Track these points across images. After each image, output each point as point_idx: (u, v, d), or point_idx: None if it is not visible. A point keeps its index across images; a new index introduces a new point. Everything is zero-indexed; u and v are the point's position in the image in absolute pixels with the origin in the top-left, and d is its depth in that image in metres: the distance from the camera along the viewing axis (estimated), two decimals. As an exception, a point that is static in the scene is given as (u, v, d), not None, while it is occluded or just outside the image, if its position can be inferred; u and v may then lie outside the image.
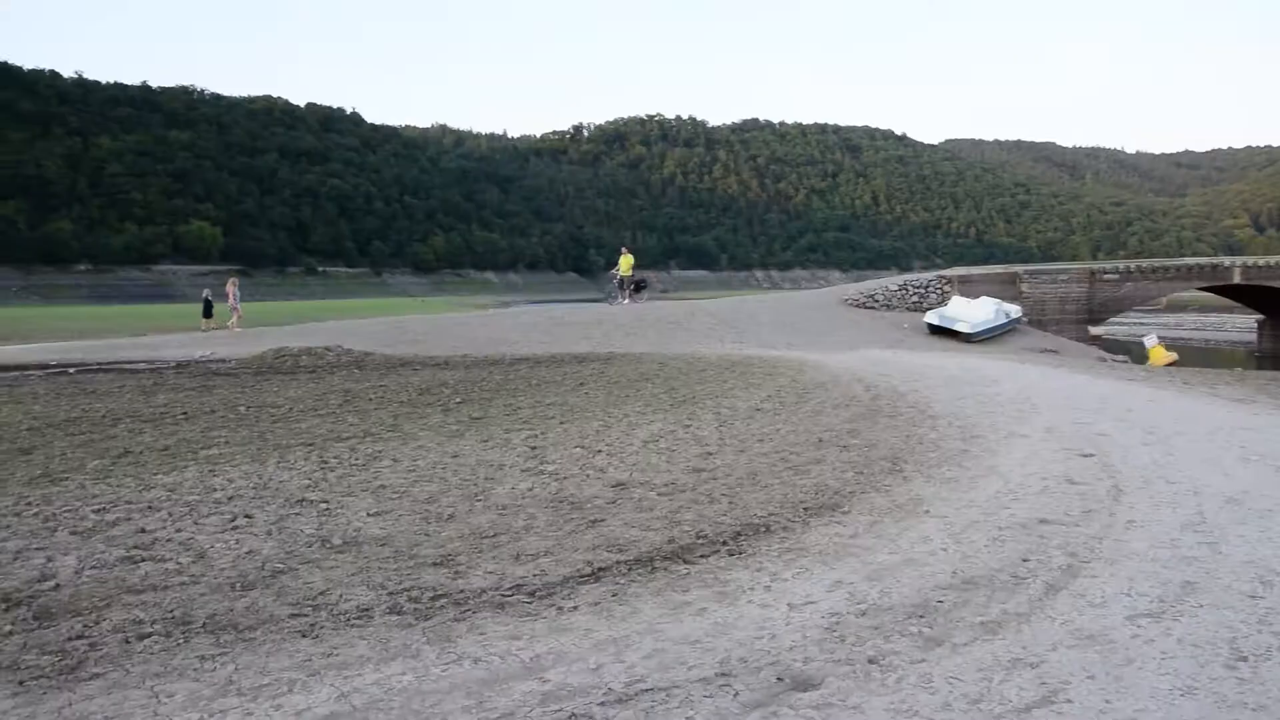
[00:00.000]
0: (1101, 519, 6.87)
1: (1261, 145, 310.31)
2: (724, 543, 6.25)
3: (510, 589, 5.33)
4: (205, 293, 33.92)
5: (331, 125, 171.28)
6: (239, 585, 5.32)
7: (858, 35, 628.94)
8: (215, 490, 7.64)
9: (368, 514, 6.96)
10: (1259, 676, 4.17)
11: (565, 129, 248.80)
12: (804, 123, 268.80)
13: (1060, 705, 3.90)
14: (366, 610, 4.97)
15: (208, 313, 31.70)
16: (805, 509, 7.15)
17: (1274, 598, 5.18)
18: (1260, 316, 44.60)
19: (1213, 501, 7.43)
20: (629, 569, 5.72)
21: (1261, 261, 39.32)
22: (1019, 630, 4.70)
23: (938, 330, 29.09)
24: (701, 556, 5.98)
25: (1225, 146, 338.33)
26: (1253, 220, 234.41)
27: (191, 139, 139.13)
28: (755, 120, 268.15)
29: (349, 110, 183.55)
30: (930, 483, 8.11)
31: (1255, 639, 4.59)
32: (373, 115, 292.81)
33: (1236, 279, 38.21)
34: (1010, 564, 5.77)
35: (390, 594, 5.23)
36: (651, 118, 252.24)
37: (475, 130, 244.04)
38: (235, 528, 6.50)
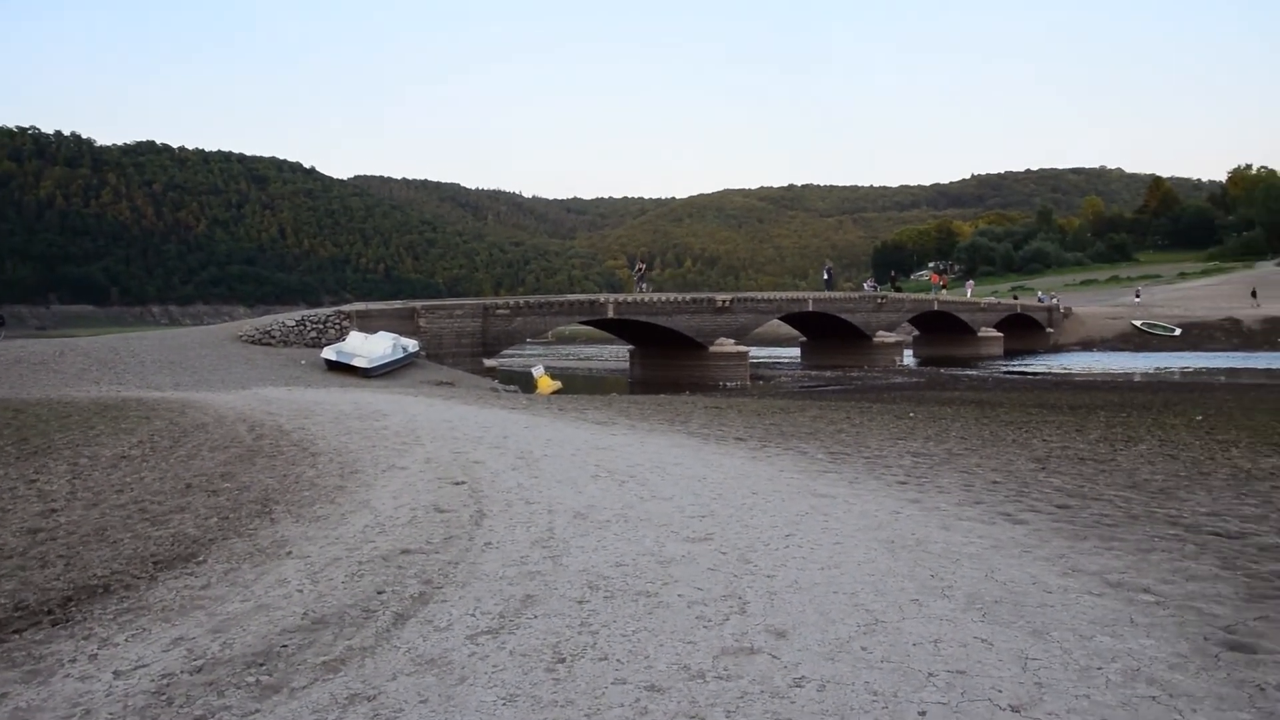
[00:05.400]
0: (461, 544, 7.14)
1: (635, 197, 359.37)
2: (49, 612, 5.55)
3: None
4: None
5: None
6: None
7: (256, 60, 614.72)
8: None
9: None
10: (573, 674, 4.55)
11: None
12: (206, 149, 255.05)
13: (390, 734, 3.96)
14: None
15: None
16: (155, 563, 6.61)
17: (597, 600, 5.71)
18: (632, 346, 50.28)
19: (563, 518, 8.07)
20: (-86, 660, 4.88)
21: (630, 298, 44.32)
22: (361, 665, 4.71)
23: (336, 366, 28.98)
24: (15, 632, 5.25)
25: (607, 196, 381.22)
26: (630, 261, 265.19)
27: None
28: (151, 143, 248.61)
29: None
30: (299, 522, 7.94)
31: (575, 640, 5.01)
32: None
33: (611, 314, 42.48)
34: (364, 598, 5.78)
35: None
36: (24, 130, 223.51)
37: None
38: None
